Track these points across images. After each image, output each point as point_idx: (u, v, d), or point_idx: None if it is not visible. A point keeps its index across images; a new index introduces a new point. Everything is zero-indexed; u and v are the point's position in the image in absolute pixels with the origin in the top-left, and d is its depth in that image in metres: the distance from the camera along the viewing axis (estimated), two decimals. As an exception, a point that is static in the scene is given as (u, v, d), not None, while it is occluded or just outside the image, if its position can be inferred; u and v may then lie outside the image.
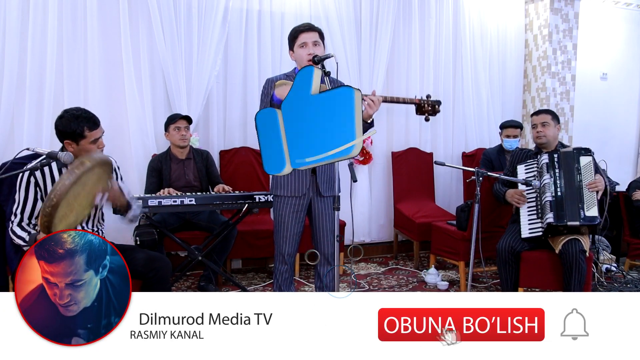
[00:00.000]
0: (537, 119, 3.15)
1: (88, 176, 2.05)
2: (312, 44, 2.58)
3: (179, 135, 3.54)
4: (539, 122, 3.13)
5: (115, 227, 3.69)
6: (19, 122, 3.61)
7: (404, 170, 4.70)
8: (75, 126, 2.25)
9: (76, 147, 2.29)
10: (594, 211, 2.88)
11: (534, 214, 3.01)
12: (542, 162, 3.01)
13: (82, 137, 2.27)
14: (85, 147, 2.29)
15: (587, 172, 2.95)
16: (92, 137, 2.31)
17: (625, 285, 3.73)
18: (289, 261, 2.76)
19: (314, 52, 2.56)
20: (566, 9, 5.17)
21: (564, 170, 2.97)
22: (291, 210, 2.68)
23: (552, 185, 2.95)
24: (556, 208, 2.90)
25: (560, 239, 2.92)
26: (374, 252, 4.81)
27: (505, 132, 4.25)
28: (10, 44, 3.53)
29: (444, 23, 4.93)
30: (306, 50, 2.57)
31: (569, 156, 2.97)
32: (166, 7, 3.89)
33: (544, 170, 2.99)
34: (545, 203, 2.94)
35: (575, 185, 2.93)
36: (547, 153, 3.04)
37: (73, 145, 2.29)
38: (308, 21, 3.10)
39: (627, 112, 5.89)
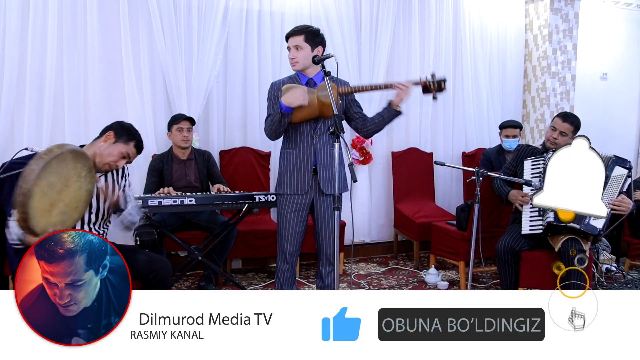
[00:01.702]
0: (560, 126, 3.06)
1: (61, 166, 2.00)
2: (294, 48, 2.62)
3: (181, 136, 3.54)
4: (559, 129, 3.06)
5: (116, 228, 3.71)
6: (19, 122, 3.61)
7: (404, 170, 4.70)
8: (130, 133, 2.40)
9: (111, 143, 2.35)
10: (599, 223, 2.85)
11: (535, 212, 3.00)
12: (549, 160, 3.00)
13: (125, 143, 2.37)
14: (115, 150, 2.35)
15: (614, 183, 2.88)
16: (128, 151, 2.38)
17: (625, 285, 3.73)
18: (291, 260, 2.76)
19: (295, 56, 2.62)
20: (566, 9, 5.17)
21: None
22: (293, 208, 2.69)
23: None
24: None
25: (560, 237, 2.92)
26: (374, 252, 4.81)
27: (504, 132, 4.25)
28: (10, 44, 3.53)
29: (444, 23, 4.93)
30: (290, 54, 2.65)
31: (604, 161, 2.89)
32: (166, 7, 3.89)
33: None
34: None
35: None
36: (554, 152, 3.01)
37: (110, 140, 2.35)
38: (308, 21, 3.11)
39: (627, 112, 5.89)
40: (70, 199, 2.10)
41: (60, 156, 1.98)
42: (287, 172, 2.70)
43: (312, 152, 2.65)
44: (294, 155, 2.67)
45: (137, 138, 2.43)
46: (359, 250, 4.72)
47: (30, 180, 1.87)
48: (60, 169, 2.01)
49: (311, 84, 2.68)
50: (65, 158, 2.01)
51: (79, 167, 2.11)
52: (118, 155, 2.35)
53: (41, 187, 1.93)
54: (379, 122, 2.75)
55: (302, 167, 2.66)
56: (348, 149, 2.36)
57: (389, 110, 2.69)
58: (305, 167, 2.66)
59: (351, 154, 4.45)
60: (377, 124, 2.76)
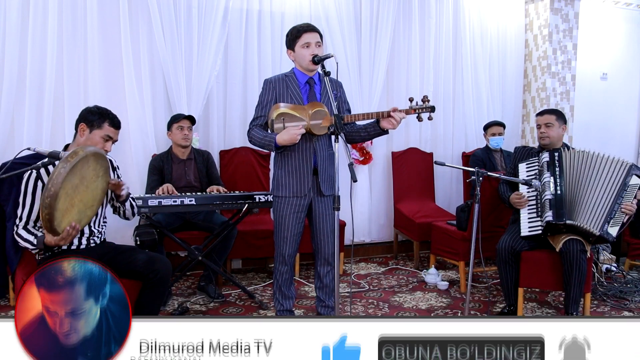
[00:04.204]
0: (540, 120, 3.13)
1: (84, 168, 2.05)
2: (315, 45, 2.59)
3: (182, 134, 3.54)
4: (542, 123, 3.10)
5: (116, 227, 3.70)
6: (19, 122, 3.61)
7: (404, 170, 4.71)
8: (99, 116, 2.34)
9: (87, 135, 2.32)
10: (614, 230, 2.89)
11: (534, 212, 3.00)
12: (543, 160, 3.01)
13: (99, 128, 2.33)
14: (95, 138, 2.32)
15: (631, 192, 2.91)
16: (107, 133, 2.35)
17: (625, 285, 3.73)
18: (289, 262, 2.76)
19: (317, 53, 2.57)
20: (566, 9, 5.17)
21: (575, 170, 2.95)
22: (292, 210, 2.68)
23: (551, 183, 2.94)
24: (556, 206, 2.90)
25: (561, 237, 2.92)
26: (374, 252, 4.81)
27: (490, 131, 4.38)
28: (10, 44, 3.53)
29: (444, 23, 4.93)
30: (309, 51, 2.59)
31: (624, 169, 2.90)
32: (166, 7, 3.89)
33: (544, 168, 2.99)
34: (545, 201, 2.93)
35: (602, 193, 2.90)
36: (548, 151, 3.03)
37: (85, 132, 2.33)
38: (308, 21, 3.11)
39: (627, 112, 5.89)
40: (88, 198, 2.15)
41: (85, 159, 2.02)
42: (285, 175, 2.68)
43: (311, 153, 2.65)
44: (292, 157, 2.66)
45: (108, 117, 2.38)
46: (359, 250, 4.72)
47: (58, 183, 1.92)
48: (83, 170, 2.05)
49: (311, 84, 2.68)
50: (88, 160, 2.06)
51: (98, 167, 2.15)
52: (100, 141, 2.34)
53: (66, 190, 1.98)
54: (364, 136, 2.76)
55: (301, 169, 2.65)
56: (348, 149, 2.35)
57: (375, 128, 2.68)
58: (305, 169, 2.65)
59: (351, 154, 4.45)
60: (362, 137, 2.77)
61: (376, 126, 2.66)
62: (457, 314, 3.24)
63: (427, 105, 2.63)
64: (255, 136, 2.65)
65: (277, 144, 2.54)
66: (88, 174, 2.09)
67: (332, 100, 2.43)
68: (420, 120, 2.64)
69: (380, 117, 2.61)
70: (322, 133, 2.60)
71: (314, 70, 2.66)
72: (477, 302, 3.49)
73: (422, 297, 3.59)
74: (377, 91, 4.62)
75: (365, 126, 2.73)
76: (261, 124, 2.69)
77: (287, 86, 2.65)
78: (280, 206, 2.70)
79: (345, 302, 3.34)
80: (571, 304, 2.93)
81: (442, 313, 3.27)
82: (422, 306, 3.40)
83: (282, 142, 2.52)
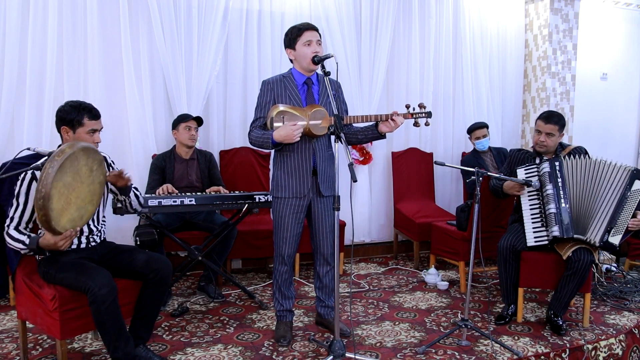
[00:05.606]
0: (544, 128, 3.03)
1: (74, 164, 2.04)
2: (316, 43, 2.59)
3: (189, 134, 3.54)
4: (544, 132, 3.03)
5: (116, 227, 3.71)
6: (19, 122, 3.61)
7: (404, 170, 4.71)
8: (76, 114, 2.29)
9: (72, 136, 2.31)
10: (617, 239, 2.86)
11: (538, 222, 2.98)
12: (543, 170, 2.96)
13: (81, 125, 2.31)
14: (81, 136, 2.31)
15: (633, 198, 2.86)
16: (90, 127, 2.33)
17: (625, 285, 3.73)
18: (289, 262, 2.76)
19: (318, 51, 2.58)
20: (566, 9, 5.17)
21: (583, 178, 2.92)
22: (291, 211, 2.68)
23: (554, 196, 2.90)
24: (562, 221, 2.87)
25: (568, 245, 2.91)
26: (374, 252, 4.81)
27: (474, 135, 4.40)
28: (10, 44, 3.53)
29: (444, 23, 4.93)
30: (311, 49, 2.59)
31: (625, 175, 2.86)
32: (166, 7, 3.89)
33: (545, 179, 2.94)
34: (549, 215, 2.91)
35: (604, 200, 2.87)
36: (548, 161, 2.98)
37: (70, 133, 2.31)
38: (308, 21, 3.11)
39: (627, 112, 5.90)
40: (85, 193, 2.14)
41: (72, 155, 2.01)
42: (285, 175, 2.68)
43: (311, 154, 2.65)
44: (292, 158, 2.66)
45: (85, 110, 2.32)
46: (359, 250, 4.72)
47: (48, 184, 1.92)
48: (74, 167, 2.05)
49: (309, 85, 2.68)
50: (77, 156, 2.05)
51: (90, 162, 2.14)
52: (87, 137, 2.32)
53: (58, 189, 1.97)
54: (361, 139, 2.76)
55: (301, 170, 2.65)
56: (348, 148, 2.35)
57: (373, 131, 2.68)
58: (305, 170, 2.65)
59: (351, 154, 4.44)
60: (359, 139, 2.77)
61: (374, 129, 2.66)
62: (457, 314, 3.24)
63: (424, 111, 2.65)
64: (254, 136, 2.66)
65: (274, 140, 2.53)
66: (80, 169, 2.08)
67: (332, 101, 2.43)
68: (417, 125, 2.65)
69: (379, 120, 2.61)
70: (322, 134, 2.60)
71: (312, 70, 2.66)
72: (477, 302, 3.49)
73: (422, 297, 3.59)
74: (377, 91, 4.61)
75: (363, 129, 2.73)
76: (261, 125, 2.68)
77: (285, 87, 2.65)
78: (280, 207, 2.70)
79: (345, 302, 3.34)
80: (561, 307, 2.94)
81: (442, 313, 3.26)
82: (422, 306, 3.40)
83: (279, 139, 2.51)
